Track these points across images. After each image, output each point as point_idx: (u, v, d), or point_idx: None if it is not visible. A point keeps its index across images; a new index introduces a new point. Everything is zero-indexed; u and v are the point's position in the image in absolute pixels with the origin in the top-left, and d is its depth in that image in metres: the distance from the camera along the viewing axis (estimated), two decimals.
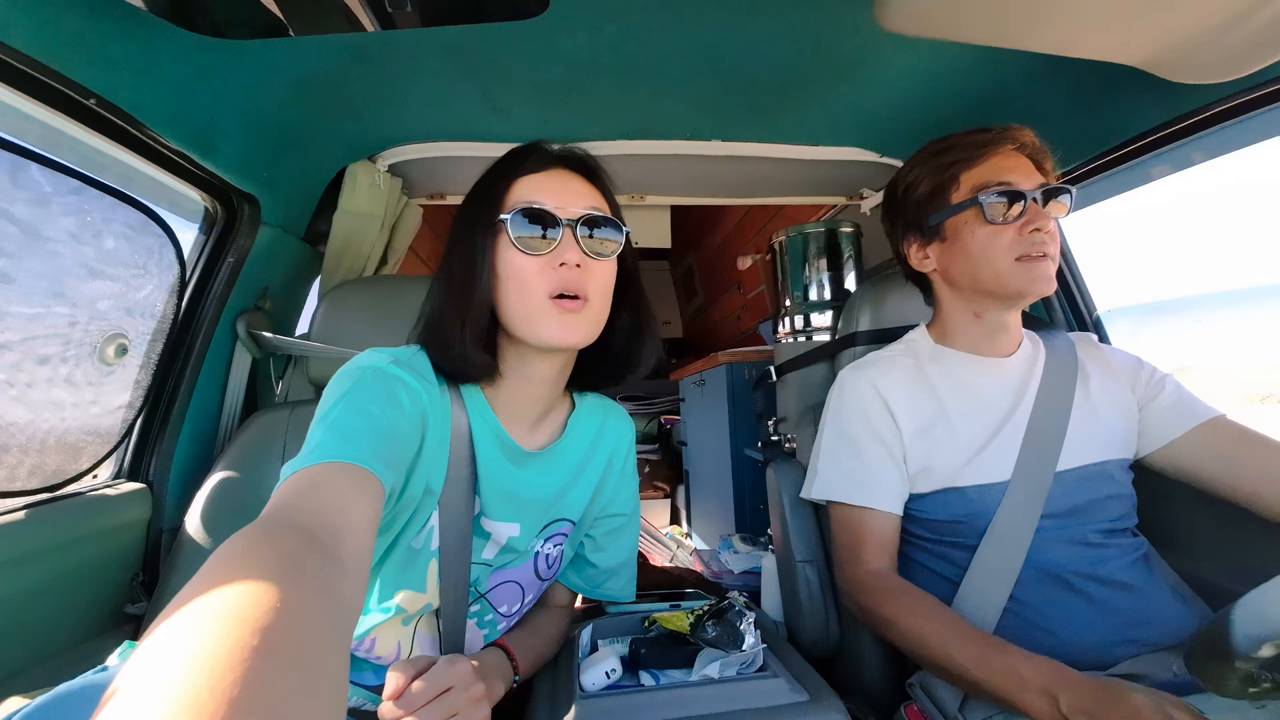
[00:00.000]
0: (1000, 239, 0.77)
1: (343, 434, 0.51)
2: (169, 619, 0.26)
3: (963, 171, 0.80)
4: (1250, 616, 0.43)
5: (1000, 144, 0.79)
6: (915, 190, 0.85)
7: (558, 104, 1.05)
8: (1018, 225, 0.76)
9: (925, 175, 0.84)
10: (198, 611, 0.26)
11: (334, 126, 1.07)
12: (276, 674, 0.24)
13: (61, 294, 0.76)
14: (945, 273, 0.85)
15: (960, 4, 0.64)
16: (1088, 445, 0.78)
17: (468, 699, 0.51)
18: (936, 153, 0.83)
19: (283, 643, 0.26)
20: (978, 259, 0.79)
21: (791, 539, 0.99)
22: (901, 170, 0.89)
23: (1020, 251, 0.76)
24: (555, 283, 0.61)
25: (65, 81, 0.69)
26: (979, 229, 0.78)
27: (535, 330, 0.62)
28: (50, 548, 0.81)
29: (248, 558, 0.31)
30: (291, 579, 0.30)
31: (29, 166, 0.69)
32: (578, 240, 0.62)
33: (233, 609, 0.26)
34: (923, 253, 0.87)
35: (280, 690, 0.24)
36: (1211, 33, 0.66)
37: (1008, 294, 0.79)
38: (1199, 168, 0.98)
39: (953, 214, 0.80)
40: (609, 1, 0.77)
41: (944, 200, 0.82)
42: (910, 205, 0.86)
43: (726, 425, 1.95)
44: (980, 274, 0.80)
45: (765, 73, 0.96)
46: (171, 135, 0.84)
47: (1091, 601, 0.70)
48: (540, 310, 0.62)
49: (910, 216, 0.87)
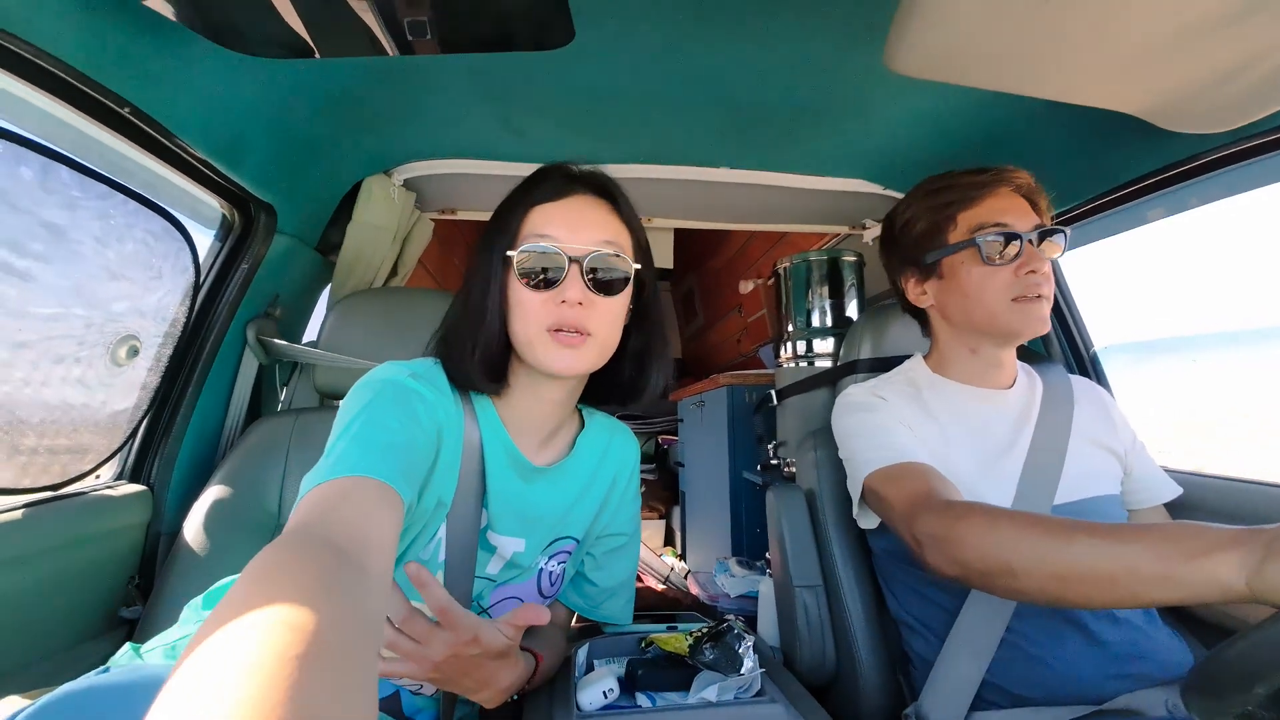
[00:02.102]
0: (996, 279, 0.78)
1: (365, 448, 0.52)
2: (219, 625, 0.27)
3: (960, 211, 0.82)
4: (1248, 654, 0.43)
5: (997, 185, 0.81)
6: (913, 228, 0.87)
7: (573, 127, 1.08)
8: (1014, 266, 0.78)
9: (922, 214, 0.86)
10: (248, 619, 0.27)
11: (354, 141, 1.10)
12: (322, 682, 0.25)
13: (80, 294, 0.77)
14: (942, 309, 0.87)
15: (966, 51, 0.67)
16: (1085, 480, 0.79)
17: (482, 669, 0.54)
18: (933, 191, 0.85)
19: (325, 654, 0.27)
20: (973, 298, 0.80)
21: (790, 564, 0.99)
22: (898, 207, 0.91)
23: (1016, 292, 0.78)
24: (555, 318, 0.62)
25: (104, 91, 0.71)
26: (975, 269, 0.80)
27: (537, 359, 0.64)
28: (49, 548, 0.80)
29: (287, 571, 0.32)
30: (329, 593, 0.31)
31: (60, 170, 0.71)
32: (583, 277, 0.63)
33: (278, 619, 0.27)
34: (920, 288, 0.89)
35: (326, 697, 0.25)
36: (1207, 86, 0.69)
37: (1002, 333, 0.81)
38: (1193, 212, 1.01)
39: (949, 253, 0.82)
40: (632, 34, 0.80)
41: (941, 239, 0.83)
42: (907, 242, 0.88)
43: (725, 447, 1.95)
44: (975, 313, 0.81)
45: (776, 105, 0.99)
46: (199, 145, 0.86)
47: (1088, 635, 0.71)
48: (539, 341, 0.63)
49: (907, 253, 0.88)
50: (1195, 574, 0.47)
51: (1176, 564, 0.48)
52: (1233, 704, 0.43)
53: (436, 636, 0.51)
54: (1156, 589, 0.49)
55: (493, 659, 0.55)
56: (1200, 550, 0.48)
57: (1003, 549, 0.57)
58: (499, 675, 0.58)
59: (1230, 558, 0.46)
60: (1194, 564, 0.47)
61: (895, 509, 0.72)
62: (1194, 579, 0.47)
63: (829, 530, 0.96)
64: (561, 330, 0.62)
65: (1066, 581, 0.53)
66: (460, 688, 0.57)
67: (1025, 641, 0.72)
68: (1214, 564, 0.47)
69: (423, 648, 0.51)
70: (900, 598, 0.86)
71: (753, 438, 1.84)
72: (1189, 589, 0.48)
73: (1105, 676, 0.68)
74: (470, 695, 0.59)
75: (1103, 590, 0.52)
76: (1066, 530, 0.55)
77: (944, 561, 0.62)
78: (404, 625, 0.51)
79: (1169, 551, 0.49)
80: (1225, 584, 0.46)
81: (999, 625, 0.72)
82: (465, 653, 0.52)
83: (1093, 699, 0.67)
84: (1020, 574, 0.56)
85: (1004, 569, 0.57)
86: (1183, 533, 0.50)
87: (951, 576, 0.62)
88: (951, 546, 0.61)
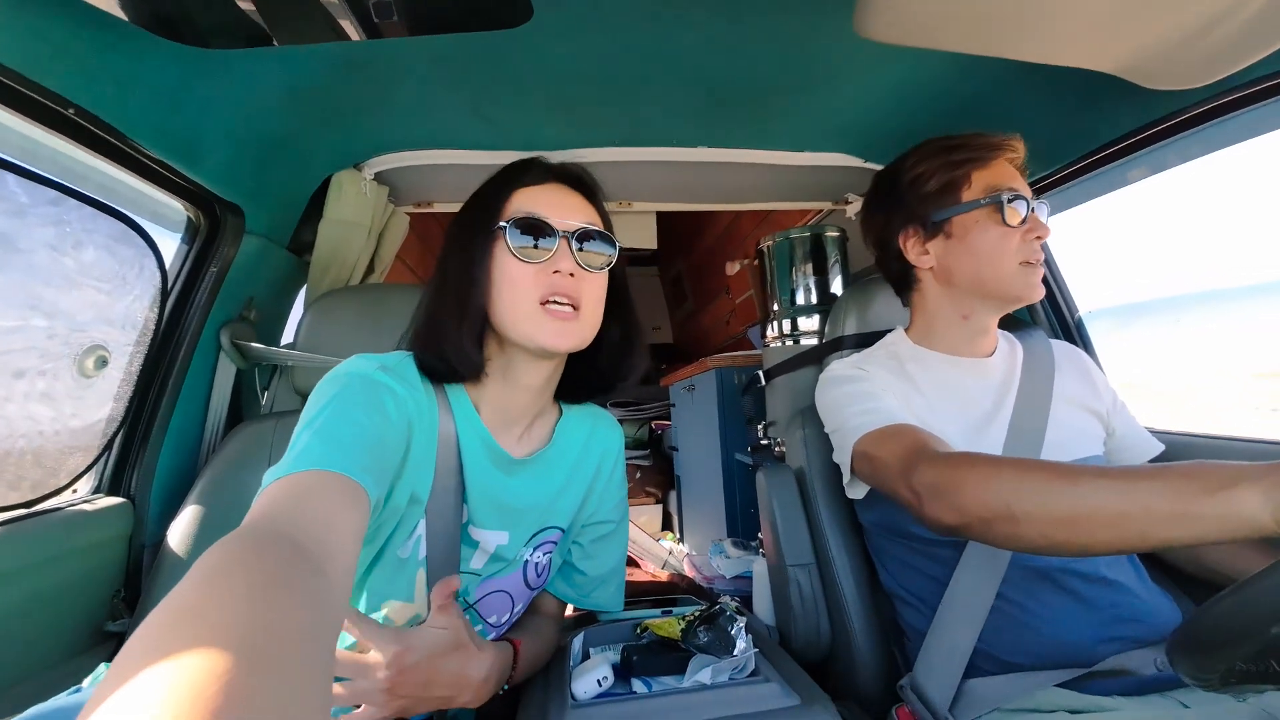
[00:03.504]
0: (1009, 241, 0.78)
1: (329, 442, 0.50)
2: (150, 629, 0.26)
3: (975, 170, 0.81)
4: (1232, 610, 0.43)
5: (1003, 150, 0.81)
6: (923, 184, 0.84)
7: (544, 112, 1.05)
8: (1023, 230, 0.78)
9: (936, 169, 0.83)
10: (181, 621, 0.26)
11: (319, 135, 1.07)
12: (261, 685, 0.24)
13: (38, 306, 0.75)
14: (944, 271, 0.84)
15: (936, 13, 0.65)
16: (1069, 443, 0.79)
17: None
18: (946, 149, 0.83)
19: (268, 654, 0.25)
20: (984, 259, 0.80)
21: (782, 543, 0.99)
22: (905, 162, 0.87)
23: (1024, 256, 0.78)
24: (548, 289, 0.63)
25: (44, 92, 0.68)
26: (992, 229, 0.79)
27: (528, 333, 0.63)
28: (28, 565, 0.79)
29: (233, 567, 0.31)
30: (277, 589, 0.30)
31: (5, 178, 0.68)
32: (572, 251, 0.65)
33: (217, 619, 0.26)
34: (922, 247, 0.86)
35: (264, 702, 0.24)
36: (1185, 40, 0.68)
37: (1007, 297, 0.81)
38: (1174, 170, 1.00)
39: (964, 211, 0.81)
40: (594, 11, 0.77)
41: (954, 197, 0.82)
42: (915, 198, 0.85)
43: (717, 430, 1.96)
44: (984, 274, 0.80)
45: (749, 80, 0.97)
46: (154, 145, 0.83)
47: (1078, 598, 0.71)
48: (532, 315, 0.63)
49: (913, 209, 0.85)
50: (1216, 508, 0.45)
51: (1196, 500, 0.46)
52: (1218, 660, 0.44)
53: (365, 663, 0.50)
54: (1172, 527, 0.47)
55: (444, 656, 0.54)
56: (1220, 485, 0.45)
57: (1005, 493, 0.55)
58: (466, 671, 0.56)
59: (1254, 491, 0.44)
60: (1215, 499, 0.45)
61: (891, 466, 0.69)
62: (1214, 513, 0.45)
63: (820, 508, 0.96)
64: (553, 302, 0.63)
65: (1072, 525, 0.51)
66: (437, 702, 0.56)
67: (1015, 608, 0.72)
68: (1237, 498, 0.44)
69: (363, 683, 0.50)
70: (891, 571, 0.86)
71: (743, 419, 1.84)
72: (1209, 525, 0.46)
73: (1096, 640, 0.69)
74: (452, 705, 0.57)
75: (1110, 531, 0.50)
76: (1072, 472, 0.54)
77: (945, 510, 0.60)
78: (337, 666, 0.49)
79: (1187, 487, 0.47)
80: (1249, 518, 0.44)
81: (989, 593, 0.72)
82: (408, 662, 0.51)
83: (1084, 661, 0.67)
84: (1022, 518, 0.54)
85: (1006, 514, 0.55)
86: (1200, 469, 0.48)
87: (951, 526, 0.60)
88: (953, 494, 0.59)
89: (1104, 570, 0.73)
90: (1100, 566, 0.73)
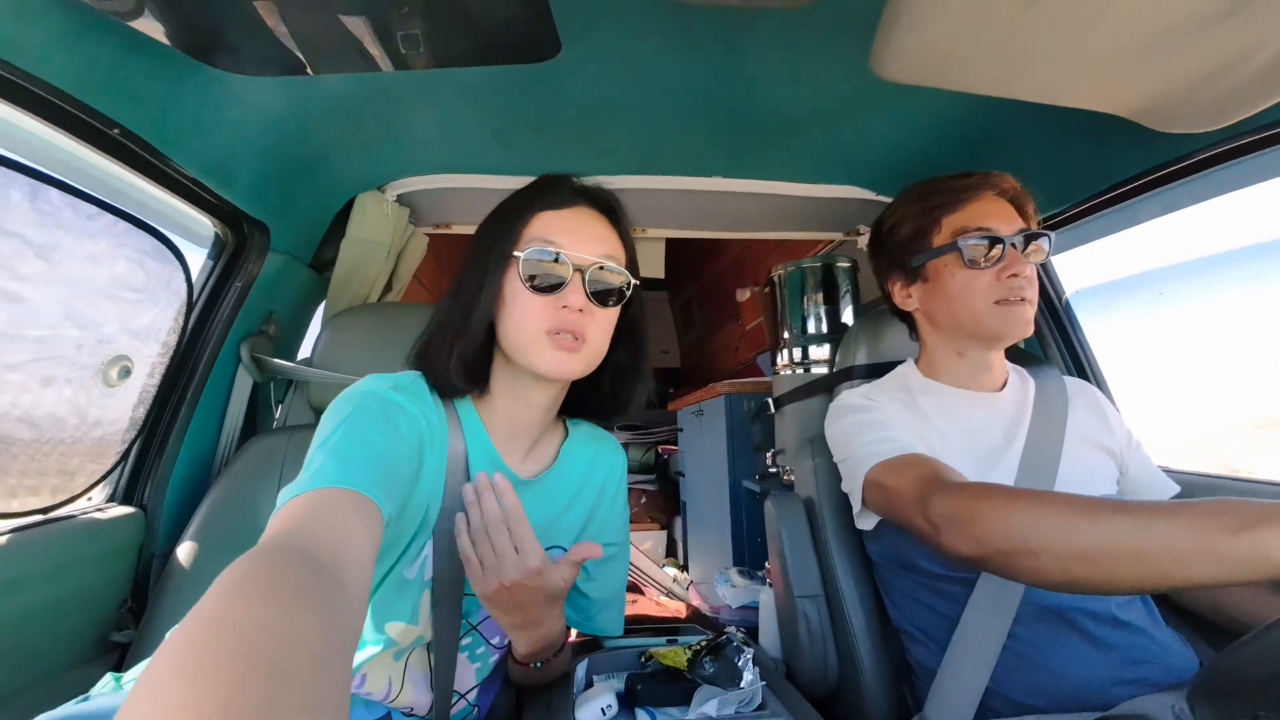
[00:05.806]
0: (978, 283, 0.79)
1: (343, 460, 0.51)
2: (175, 642, 0.26)
3: (945, 215, 0.82)
4: (1257, 656, 0.42)
5: (982, 189, 0.82)
6: (898, 231, 0.88)
7: (564, 140, 1.08)
8: (996, 270, 0.78)
9: (908, 217, 0.86)
10: (204, 635, 0.26)
11: (346, 158, 1.10)
12: (282, 699, 0.24)
13: (71, 316, 0.77)
14: (927, 313, 0.88)
15: (952, 55, 0.67)
16: (1081, 480, 0.78)
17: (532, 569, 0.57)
18: (918, 196, 0.86)
19: (289, 668, 0.26)
20: (956, 301, 0.81)
21: (790, 574, 0.98)
22: (886, 211, 0.92)
23: (998, 296, 0.78)
24: (555, 322, 0.63)
25: (92, 113, 0.71)
26: (958, 272, 0.80)
27: (530, 360, 0.64)
28: (39, 572, 0.79)
29: (253, 583, 0.31)
30: (296, 604, 0.30)
31: (49, 192, 0.71)
32: (584, 286, 0.65)
33: (240, 633, 0.26)
34: (905, 292, 0.89)
35: (285, 716, 0.24)
36: (1196, 85, 0.69)
37: (986, 336, 0.81)
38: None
39: (933, 256, 0.83)
40: (618, 46, 0.80)
41: (925, 242, 0.84)
42: (893, 245, 0.89)
43: (725, 456, 1.94)
44: (959, 316, 0.82)
45: (765, 113, 0.99)
46: (190, 165, 0.86)
47: (1091, 639, 0.70)
48: (536, 342, 0.64)
49: (894, 256, 0.89)
50: (1240, 548, 0.44)
51: (1219, 539, 0.45)
52: (1240, 707, 0.42)
53: (510, 559, 0.56)
54: (1194, 566, 0.46)
55: (545, 601, 0.60)
56: (1245, 524, 0.45)
57: (1024, 526, 0.54)
58: (547, 619, 0.64)
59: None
60: (1239, 538, 0.45)
61: (905, 496, 0.68)
62: (1239, 553, 0.44)
63: (829, 538, 0.95)
64: (559, 333, 0.63)
65: (1092, 560, 0.50)
66: (510, 620, 0.62)
67: (1028, 648, 0.71)
68: (1263, 538, 0.43)
69: (498, 564, 0.56)
70: (900, 606, 0.84)
71: (751, 446, 1.83)
72: (1232, 565, 0.45)
73: (1110, 682, 0.67)
74: (513, 633, 0.64)
75: (1131, 569, 0.49)
76: (1093, 506, 0.53)
77: (963, 541, 0.59)
78: (492, 531, 0.56)
79: (1211, 525, 0.46)
80: (1277, 560, 0.43)
81: (1000, 632, 0.71)
82: (528, 583, 0.56)
83: (1098, 705, 0.66)
84: (1042, 553, 0.53)
85: (1025, 548, 0.54)
86: (1224, 506, 0.47)
87: (969, 557, 0.59)
88: (970, 524, 0.58)
89: (1115, 610, 0.71)
90: (1111, 606, 0.72)
